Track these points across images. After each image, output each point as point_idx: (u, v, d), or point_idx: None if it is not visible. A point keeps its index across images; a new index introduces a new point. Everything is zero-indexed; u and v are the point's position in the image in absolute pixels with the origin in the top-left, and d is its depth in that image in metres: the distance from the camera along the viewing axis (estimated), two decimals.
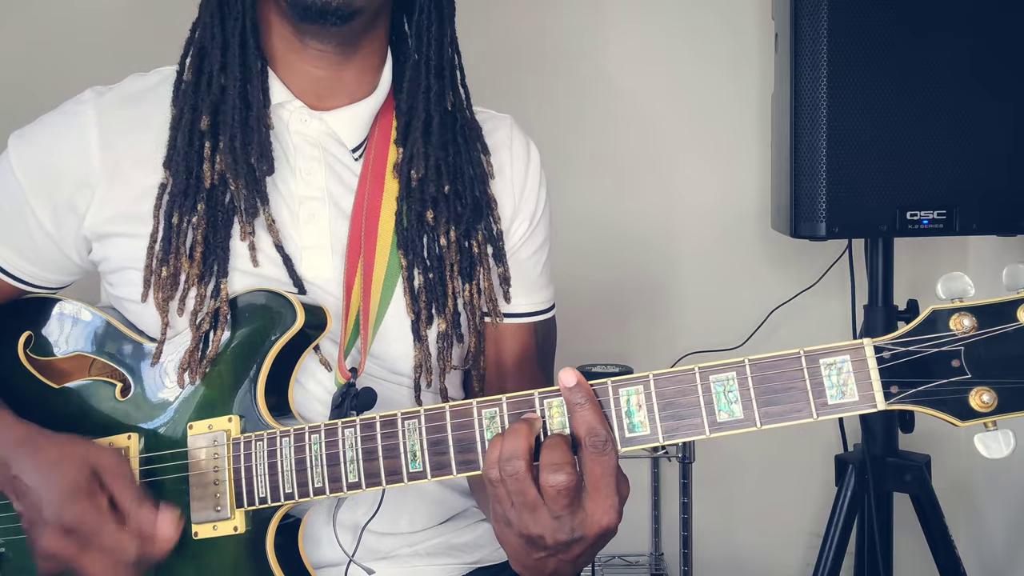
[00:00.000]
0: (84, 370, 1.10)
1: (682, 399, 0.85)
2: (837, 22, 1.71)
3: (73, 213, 1.07)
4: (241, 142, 1.04)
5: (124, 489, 0.97)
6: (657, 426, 0.85)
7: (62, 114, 1.09)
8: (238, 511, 0.99)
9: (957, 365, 0.79)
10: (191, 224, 1.04)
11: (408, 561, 1.13)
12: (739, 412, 0.83)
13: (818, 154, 1.73)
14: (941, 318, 0.80)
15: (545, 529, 0.85)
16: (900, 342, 0.80)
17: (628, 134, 2.25)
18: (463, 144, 1.13)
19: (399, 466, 0.92)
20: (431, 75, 1.10)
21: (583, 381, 0.85)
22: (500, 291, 1.15)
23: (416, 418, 0.91)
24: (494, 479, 0.86)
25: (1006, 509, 2.15)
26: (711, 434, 0.84)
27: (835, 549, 1.87)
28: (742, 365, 0.83)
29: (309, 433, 0.96)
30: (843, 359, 0.81)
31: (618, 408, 0.86)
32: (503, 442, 0.85)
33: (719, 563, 2.31)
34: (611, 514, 0.85)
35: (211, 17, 1.06)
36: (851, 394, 0.81)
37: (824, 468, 2.08)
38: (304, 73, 1.08)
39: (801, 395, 0.82)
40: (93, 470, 0.97)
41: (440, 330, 1.10)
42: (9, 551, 1.10)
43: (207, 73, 1.06)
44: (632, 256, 2.27)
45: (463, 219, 1.11)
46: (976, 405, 0.79)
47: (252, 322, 1.03)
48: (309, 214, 1.08)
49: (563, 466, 0.83)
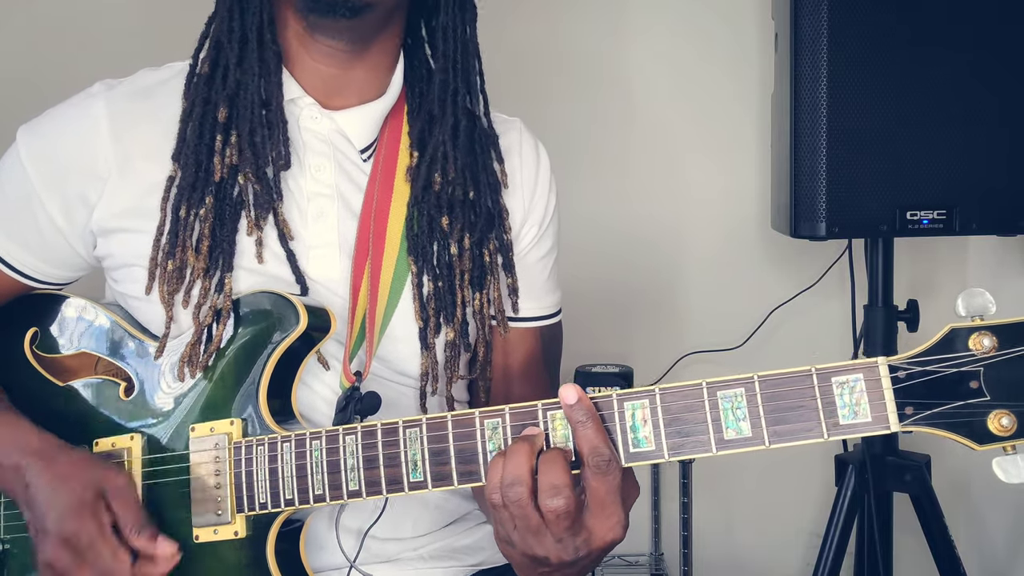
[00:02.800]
0: (90, 368, 1.10)
1: (689, 415, 0.82)
2: (837, 22, 1.70)
3: (84, 205, 1.06)
4: (262, 137, 1.03)
5: (127, 512, 0.98)
6: (663, 442, 0.83)
7: (72, 106, 1.09)
8: (239, 516, 0.98)
9: (976, 387, 0.76)
10: (198, 217, 1.03)
11: (411, 564, 1.13)
12: (747, 430, 0.81)
13: (818, 154, 1.73)
14: (960, 337, 0.77)
15: (549, 551, 0.85)
16: (916, 361, 0.77)
17: (628, 135, 2.25)
18: (480, 152, 1.13)
19: (400, 475, 0.91)
20: (458, 77, 1.09)
21: (584, 398, 0.84)
22: (508, 302, 1.15)
23: (418, 427, 0.90)
24: (497, 504, 0.85)
25: (1006, 509, 2.15)
26: (718, 452, 0.82)
27: (835, 549, 1.87)
28: (751, 381, 0.81)
29: (310, 439, 0.95)
30: (856, 378, 0.78)
31: (623, 423, 0.84)
32: (504, 465, 0.84)
33: (719, 563, 2.31)
34: (616, 530, 0.85)
35: (228, 11, 1.05)
36: (864, 414, 0.78)
37: (824, 468, 2.08)
38: (314, 71, 1.07)
39: (812, 414, 0.79)
40: (100, 491, 0.98)
41: (448, 339, 1.10)
42: (14, 548, 1.10)
43: (223, 67, 1.05)
44: (632, 256, 2.27)
45: (477, 227, 1.10)
46: (995, 429, 0.76)
47: (255, 324, 1.02)
48: (318, 211, 1.07)
49: (561, 489, 0.82)
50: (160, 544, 0.98)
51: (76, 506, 0.97)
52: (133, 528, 0.97)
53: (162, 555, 0.97)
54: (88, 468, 1.01)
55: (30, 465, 1.01)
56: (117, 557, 0.96)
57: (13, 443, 1.04)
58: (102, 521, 0.97)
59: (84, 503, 0.97)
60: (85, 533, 0.96)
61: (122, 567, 0.96)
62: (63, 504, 0.97)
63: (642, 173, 2.26)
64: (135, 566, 0.97)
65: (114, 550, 0.96)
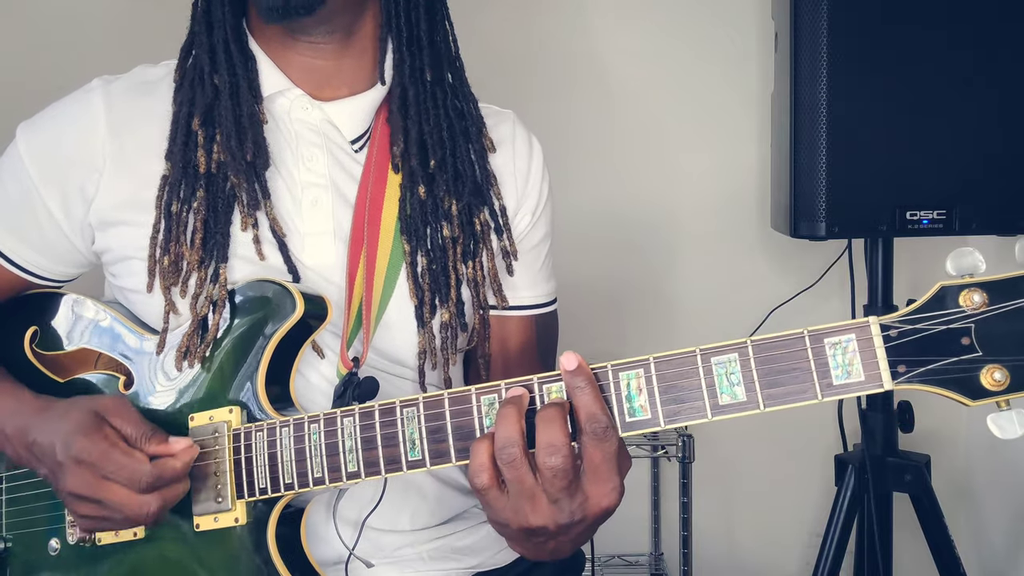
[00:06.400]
0: (90, 364, 1.11)
1: (683, 382, 0.83)
2: (837, 21, 1.70)
3: (82, 199, 1.08)
4: (237, 140, 1.05)
5: (128, 423, 0.99)
6: (658, 410, 0.83)
7: (70, 102, 1.11)
8: (239, 502, 0.99)
9: (967, 343, 0.76)
10: (192, 210, 1.05)
11: (411, 565, 1.14)
12: (742, 394, 0.81)
13: (818, 154, 1.73)
14: (950, 294, 0.76)
15: (546, 518, 0.85)
16: (908, 319, 0.77)
17: (628, 135, 2.25)
18: (456, 118, 1.13)
19: (398, 455, 0.91)
20: (403, 48, 1.11)
21: (584, 365, 0.84)
22: (503, 265, 1.15)
23: (415, 406, 0.90)
24: (483, 486, 0.84)
25: (1006, 509, 2.14)
26: (713, 417, 0.81)
27: (835, 549, 1.87)
28: (744, 347, 0.81)
29: (308, 423, 0.95)
30: (848, 338, 0.78)
31: (618, 392, 0.85)
32: (496, 431, 0.84)
33: (719, 563, 2.31)
34: (612, 496, 0.85)
35: (198, 25, 1.10)
36: (857, 374, 0.78)
37: (824, 468, 2.08)
38: (302, 64, 1.10)
39: (805, 376, 0.79)
40: (97, 413, 0.99)
41: (444, 320, 1.11)
42: (16, 546, 1.11)
43: (199, 73, 1.08)
44: (632, 256, 2.27)
45: (464, 194, 1.11)
46: (988, 384, 0.75)
47: (252, 313, 1.03)
48: (312, 200, 1.09)
49: (560, 448, 0.82)
50: (173, 442, 0.98)
51: (79, 429, 0.97)
52: (140, 438, 0.98)
53: (179, 449, 0.98)
54: (80, 400, 1.02)
55: (32, 422, 1.03)
56: (135, 458, 0.96)
57: (13, 410, 1.06)
58: (107, 433, 0.97)
59: (86, 425, 0.97)
60: (96, 447, 0.96)
61: (143, 467, 0.96)
62: (66, 432, 0.98)
63: (641, 173, 2.26)
64: (155, 465, 0.96)
65: (129, 453, 0.97)
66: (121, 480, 0.96)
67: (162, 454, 0.98)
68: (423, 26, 1.12)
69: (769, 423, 2.27)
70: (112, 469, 0.96)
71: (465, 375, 1.23)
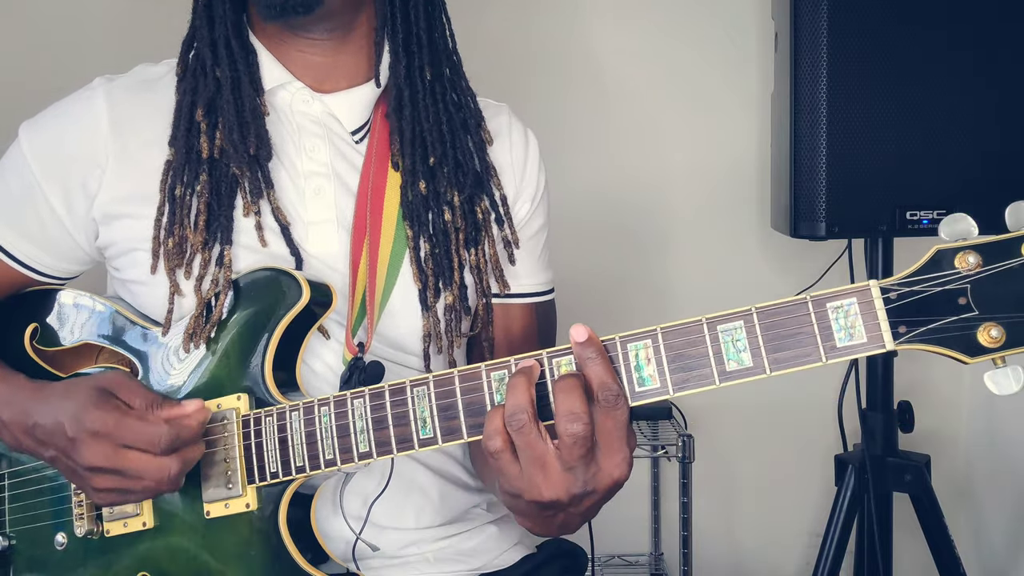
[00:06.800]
0: (91, 359, 1.12)
1: (691, 350, 0.84)
2: (837, 21, 1.71)
3: (85, 195, 1.09)
4: (240, 133, 1.07)
5: (135, 394, 0.99)
6: (667, 379, 0.85)
7: (72, 101, 1.12)
8: (249, 487, 0.99)
9: (964, 302, 0.78)
10: (195, 193, 1.06)
11: (416, 567, 1.14)
12: (748, 360, 0.83)
13: (818, 154, 1.73)
14: (946, 257, 0.79)
15: (558, 489, 0.85)
16: (906, 282, 0.79)
17: (628, 136, 2.26)
18: (455, 112, 1.15)
19: (409, 433, 0.91)
20: (400, 48, 1.12)
21: (594, 336, 0.85)
22: (504, 254, 1.16)
23: (425, 384, 0.91)
24: (496, 449, 0.85)
25: (1006, 509, 2.15)
26: (721, 383, 0.83)
27: (835, 549, 1.87)
28: (749, 313, 0.83)
29: (318, 406, 0.96)
30: (850, 302, 0.80)
31: (627, 363, 0.86)
32: (506, 399, 0.85)
33: (719, 563, 2.31)
34: (623, 467, 0.85)
35: (200, 19, 1.11)
36: (859, 336, 0.80)
37: (824, 468, 2.08)
38: (302, 59, 1.12)
39: (809, 339, 0.81)
40: (102, 387, 0.99)
41: (447, 303, 1.12)
42: (20, 543, 1.10)
43: (201, 64, 1.10)
44: (630, 257, 2.28)
45: (465, 186, 1.13)
46: (984, 341, 0.78)
47: (258, 299, 1.03)
48: (315, 189, 1.10)
49: (580, 415, 0.83)
50: (185, 405, 0.98)
51: (89, 403, 0.97)
52: (151, 405, 0.98)
53: (192, 410, 0.98)
54: (79, 380, 1.03)
55: (32, 405, 1.03)
56: (149, 421, 0.96)
57: (8, 397, 1.06)
58: (117, 403, 0.97)
59: (95, 398, 0.97)
60: (110, 416, 0.96)
61: (159, 428, 0.95)
62: (73, 409, 0.97)
63: (641, 174, 2.26)
64: (172, 424, 0.96)
65: (143, 417, 0.96)
66: (140, 444, 0.95)
67: (175, 416, 0.97)
68: (422, 24, 1.13)
69: (769, 423, 2.28)
70: (129, 436, 0.95)
71: (469, 363, 1.23)
